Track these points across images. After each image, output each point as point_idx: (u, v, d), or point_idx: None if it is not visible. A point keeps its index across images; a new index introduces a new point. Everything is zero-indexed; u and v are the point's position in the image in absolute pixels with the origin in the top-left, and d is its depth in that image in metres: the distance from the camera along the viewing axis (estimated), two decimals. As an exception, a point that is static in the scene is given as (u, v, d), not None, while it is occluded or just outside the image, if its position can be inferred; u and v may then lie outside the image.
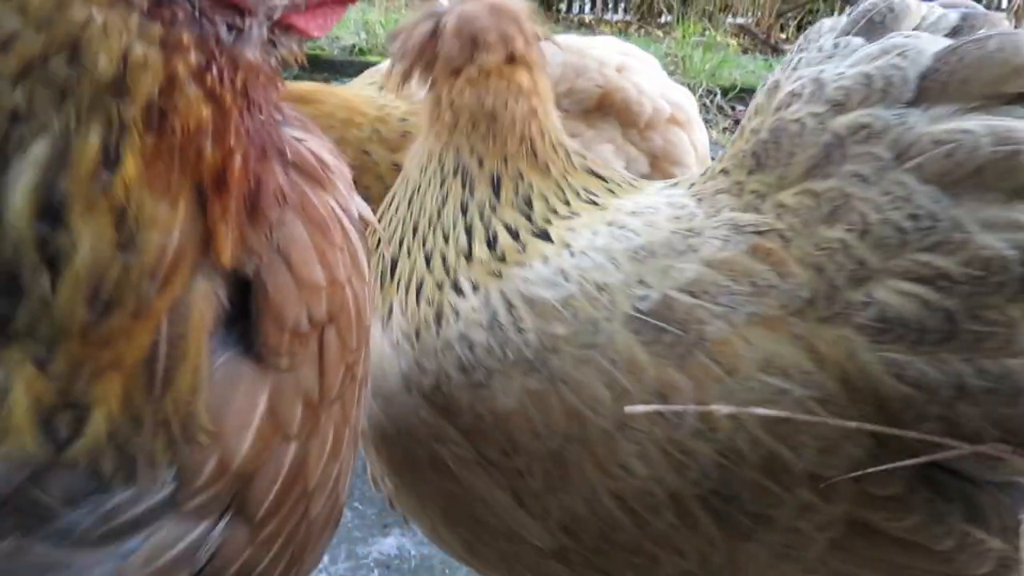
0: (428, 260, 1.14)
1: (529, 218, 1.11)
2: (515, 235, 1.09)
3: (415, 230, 1.19)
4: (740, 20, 12.68)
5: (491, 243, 1.10)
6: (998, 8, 13.01)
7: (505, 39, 1.20)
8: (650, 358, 0.93)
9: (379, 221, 1.24)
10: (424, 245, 1.17)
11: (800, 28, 12.84)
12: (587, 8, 13.74)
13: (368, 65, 7.05)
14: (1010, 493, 0.90)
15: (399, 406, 1.08)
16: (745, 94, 6.72)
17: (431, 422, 1.04)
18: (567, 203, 1.12)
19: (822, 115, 0.90)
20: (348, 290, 0.76)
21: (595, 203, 1.13)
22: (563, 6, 13.42)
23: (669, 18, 12.94)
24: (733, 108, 6.57)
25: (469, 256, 1.10)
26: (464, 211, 1.15)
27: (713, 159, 4.65)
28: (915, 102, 0.85)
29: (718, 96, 6.49)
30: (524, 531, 1.03)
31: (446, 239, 1.14)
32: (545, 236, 1.09)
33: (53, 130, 0.51)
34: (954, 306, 0.82)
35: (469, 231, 1.12)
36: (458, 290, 1.08)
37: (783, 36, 12.26)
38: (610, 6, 13.53)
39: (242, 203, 0.62)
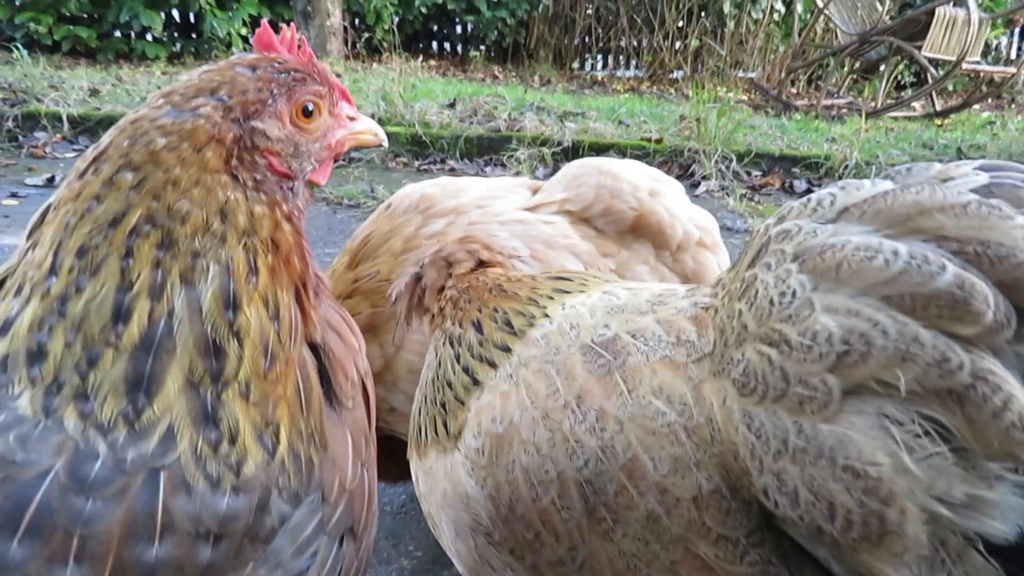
0: (444, 405, 1.35)
1: (513, 332, 1.31)
2: (505, 349, 1.30)
3: (425, 399, 1.42)
4: (751, 75, 12.87)
5: (492, 364, 1.30)
6: (1007, 62, 13.14)
7: (472, 253, 1.53)
8: (583, 372, 1.15)
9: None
10: (435, 401, 1.37)
11: (810, 83, 13.02)
12: (599, 66, 14.00)
13: (388, 135, 7.21)
14: None
15: None
16: (760, 159, 6.80)
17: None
18: (543, 308, 1.33)
19: (770, 225, 1.08)
20: (366, 360, 1.11)
21: (567, 292, 1.36)
22: (576, 64, 13.70)
23: (681, 73, 13.17)
24: (749, 173, 6.66)
25: (476, 383, 1.30)
26: (458, 359, 1.36)
27: (731, 229, 4.62)
28: (834, 221, 0.99)
29: (733, 162, 6.57)
30: (475, 505, 1.22)
31: (451, 385, 1.34)
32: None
33: (220, 258, 0.84)
34: (789, 367, 0.94)
35: (468, 369, 1.33)
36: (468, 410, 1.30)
37: (794, 91, 12.43)
38: (622, 63, 13.79)
39: (315, 295, 0.98)
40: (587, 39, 13.40)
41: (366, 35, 12.81)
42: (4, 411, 0.77)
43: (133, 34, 11.93)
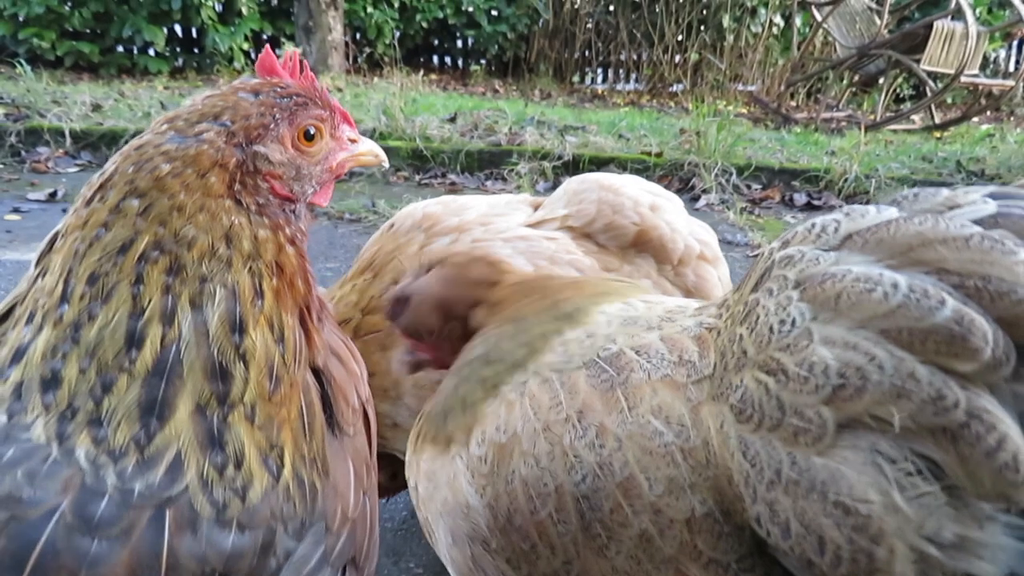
0: (464, 399, 1.32)
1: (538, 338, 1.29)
2: (530, 354, 1.27)
3: (447, 391, 1.40)
4: (751, 88, 12.92)
5: (519, 364, 1.27)
6: (1006, 75, 13.20)
7: (492, 265, 1.51)
8: (586, 386, 1.15)
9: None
10: (458, 391, 1.35)
11: (809, 96, 13.06)
12: (600, 80, 14.06)
13: (388, 149, 7.23)
14: None
15: None
16: (760, 172, 6.81)
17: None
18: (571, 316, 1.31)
19: (774, 248, 1.08)
20: (367, 386, 1.11)
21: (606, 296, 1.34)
22: (576, 78, 13.75)
23: (680, 87, 13.22)
24: (749, 187, 6.68)
25: (495, 386, 1.28)
26: (470, 363, 1.36)
27: (731, 243, 4.63)
28: (837, 249, 0.98)
29: (733, 175, 6.59)
30: (475, 514, 1.23)
31: (466, 380, 1.33)
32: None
33: (226, 282, 0.85)
34: (785, 397, 0.93)
35: (484, 362, 1.32)
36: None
37: (793, 104, 12.47)
38: (622, 77, 13.85)
39: (318, 319, 0.98)
40: (587, 53, 13.46)
41: (367, 50, 12.89)
42: (15, 443, 0.76)
43: (136, 49, 12.00)
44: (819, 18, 10.00)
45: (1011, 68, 13.86)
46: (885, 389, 0.86)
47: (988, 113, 11.56)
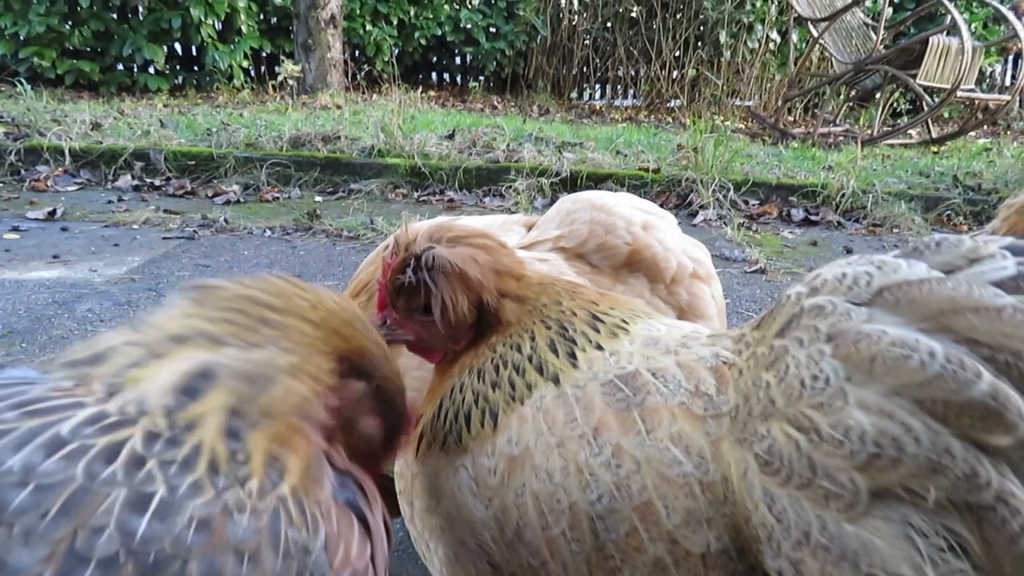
0: (488, 405, 1.28)
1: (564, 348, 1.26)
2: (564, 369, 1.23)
3: (463, 398, 1.34)
4: (748, 103, 12.97)
5: (541, 369, 1.25)
6: (1002, 89, 13.26)
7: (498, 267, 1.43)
8: (602, 404, 1.14)
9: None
10: (474, 394, 1.31)
11: (807, 111, 13.12)
12: (597, 96, 14.12)
13: (387, 166, 7.29)
14: None
15: None
16: (757, 188, 6.83)
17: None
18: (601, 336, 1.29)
19: (802, 294, 1.05)
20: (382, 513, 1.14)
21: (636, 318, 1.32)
22: (574, 94, 13.81)
23: (678, 102, 13.27)
24: (746, 202, 6.69)
25: (513, 397, 1.25)
26: (505, 364, 1.29)
27: (728, 258, 4.60)
28: (869, 304, 0.97)
29: (731, 191, 6.62)
30: (479, 527, 1.22)
31: (495, 386, 1.28)
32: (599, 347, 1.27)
33: (282, 344, 0.97)
34: (818, 458, 0.92)
35: (519, 368, 1.27)
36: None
37: (790, 119, 12.52)
38: (620, 93, 13.91)
39: (346, 448, 1.05)
40: (585, 69, 13.53)
41: (366, 67, 12.95)
42: (41, 478, 0.75)
43: (136, 67, 12.06)
44: (815, 34, 10.06)
45: (1007, 82, 13.92)
46: (921, 463, 0.86)
47: (985, 127, 11.60)
